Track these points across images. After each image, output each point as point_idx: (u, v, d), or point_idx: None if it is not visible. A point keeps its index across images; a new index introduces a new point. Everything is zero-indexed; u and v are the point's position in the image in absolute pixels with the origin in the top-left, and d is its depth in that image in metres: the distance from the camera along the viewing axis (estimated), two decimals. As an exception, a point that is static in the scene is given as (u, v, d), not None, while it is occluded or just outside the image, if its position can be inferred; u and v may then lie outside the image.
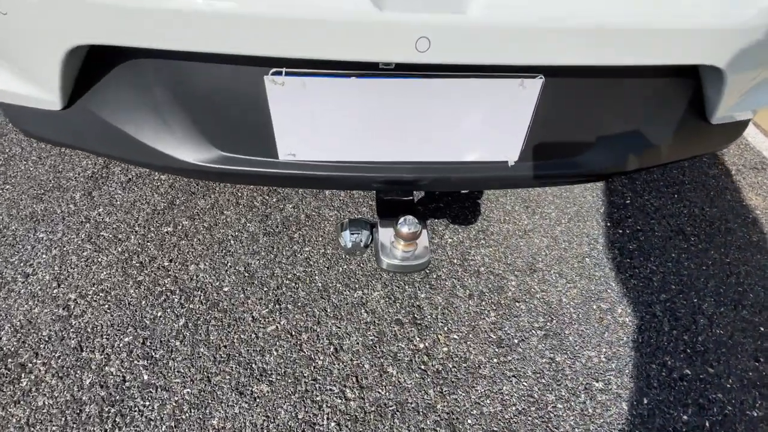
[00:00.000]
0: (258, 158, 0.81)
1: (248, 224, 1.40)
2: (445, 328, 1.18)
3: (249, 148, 0.80)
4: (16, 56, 0.70)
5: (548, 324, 1.20)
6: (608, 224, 1.50)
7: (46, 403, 1.01)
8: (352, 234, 0.88)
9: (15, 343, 1.10)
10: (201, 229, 1.38)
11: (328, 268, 1.30)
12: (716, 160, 1.79)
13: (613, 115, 0.82)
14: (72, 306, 1.17)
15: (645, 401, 1.07)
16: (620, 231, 1.48)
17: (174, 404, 1.01)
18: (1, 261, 1.26)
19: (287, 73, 0.69)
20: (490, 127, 0.79)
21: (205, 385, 1.04)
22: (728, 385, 1.11)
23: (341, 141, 0.79)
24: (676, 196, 1.62)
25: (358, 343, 1.13)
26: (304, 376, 1.07)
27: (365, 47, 0.60)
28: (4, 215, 1.38)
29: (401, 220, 0.81)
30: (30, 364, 1.07)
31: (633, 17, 0.62)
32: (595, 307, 1.25)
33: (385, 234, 0.89)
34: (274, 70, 0.68)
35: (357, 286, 1.26)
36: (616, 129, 0.85)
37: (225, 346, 1.11)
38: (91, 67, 0.73)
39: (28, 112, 0.81)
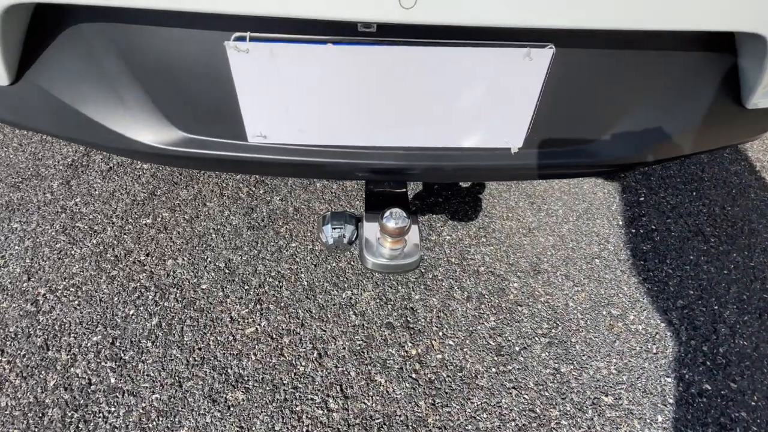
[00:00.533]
0: (224, 140, 0.72)
1: (232, 217, 1.31)
2: (440, 333, 1.08)
3: (214, 128, 0.70)
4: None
5: (553, 331, 1.10)
6: (620, 223, 1.39)
7: (9, 404, 0.94)
8: (334, 228, 0.79)
9: (-21, 340, 1.03)
10: (181, 221, 1.29)
11: (315, 265, 1.21)
12: (739, 155, 1.66)
13: (632, 95, 0.72)
14: (41, 301, 1.10)
15: (659, 419, 0.97)
16: (633, 230, 1.37)
17: (141, 411, 0.93)
18: (-30, 252, 1.19)
19: (252, 39, 0.59)
20: (491, 108, 0.69)
21: (176, 390, 0.96)
22: (753, 403, 1.00)
23: (318, 122, 0.69)
24: (694, 193, 1.50)
25: (344, 348, 1.04)
26: (284, 384, 0.98)
27: (339, 2, 0.51)
28: (-23, 204, 1.31)
29: (387, 213, 0.71)
30: (-7, 363, 1.00)
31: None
32: (605, 313, 1.15)
33: (370, 229, 0.79)
34: (236, 35, 0.59)
35: (346, 285, 1.17)
36: (636, 112, 0.74)
37: (200, 349, 1.03)
38: (36, 35, 0.65)
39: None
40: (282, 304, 1.12)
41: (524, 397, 0.98)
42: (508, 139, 0.74)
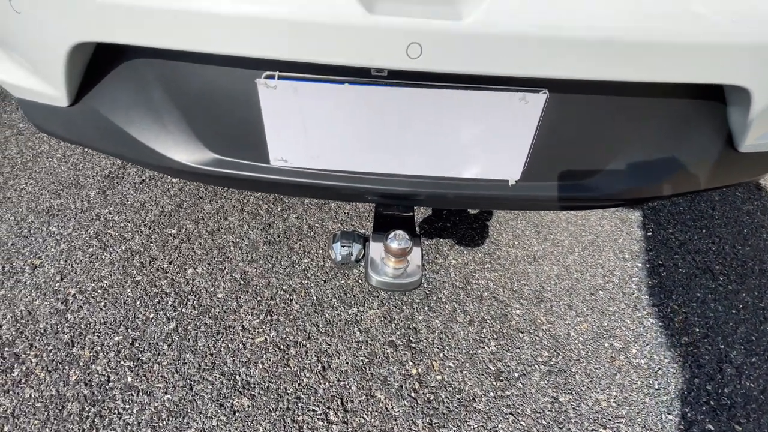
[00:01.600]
0: (249, 162, 0.80)
1: (250, 231, 1.39)
2: (441, 354, 1.11)
3: (241, 151, 0.79)
4: (28, 53, 0.72)
5: (553, 359, 1.11)
6: (626, 256, 1.40)
7: (33, 395, 1.01)
8: (343, 246, 0.85)
9: (14, 333, 1.11)
10: (204, 233, 1.38)
11: (324, 281, 1.26)
12: (752, 194, 1.66)
13: (624, 135, 0.76)
14: (70, 300, 1.19)
15: (658, 456, 0.96)
16: (639, 264, 1.38)
17: (153, 410, 0.99)
18: (14, 251, 1.30)
19: (280, 77, 0.68)
20: (490, 143, 0.75)
21: (187, 393, 1.02)
22: (757, 447, 0.99)
23: (333, 149, 0.76)
24: (704, 231, 1.51)
25: (347, 363, 1.08)
26: (288, 393, 1.02)
27: (354, 51, 0.58)
28: (23, 208, 1.44)
29: (391, 234, 0.77)
30: (24, 355, 1.08)
31: (647, 29, 0.57)
32: (606, 345, 1.16)
33: (376, 249, 0.85)
34: (266, 73, 0.67)
35: (353, 302, 1.22)
36: (628, 151, 0.78)
37: (211, 354, 1.09)
38: (96, 66, 0.75)
39: (39, 108, 0.84)
40: (291, 317, 1.17)
41: (521, 424, 1.00)
42: (506, 172, 0.79)
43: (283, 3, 0.57)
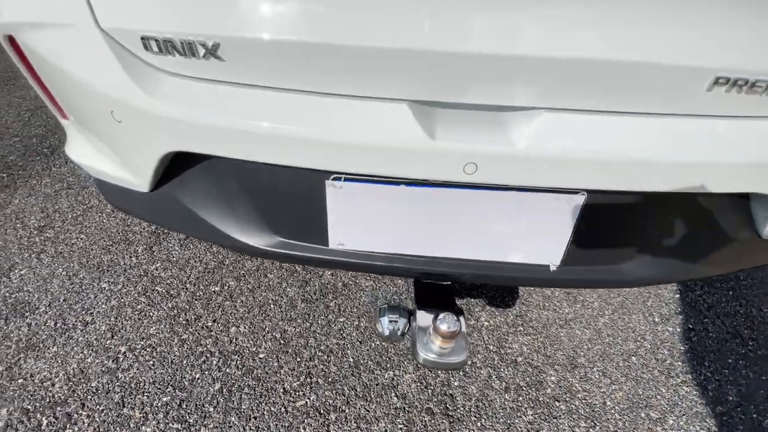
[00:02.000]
0: (310, 245, 0.87)
1: (288, 289, 1.45)
2: (479, 423, 1.13)
3: (304, 236, 0.86)
4: (122, 152, 0.82)
5: (591, 430, 1.12)
6: (656, 320, 1.42)
7: (84, 457, 1.05)
8: (391, 322, 0.90)
9: (66, 392, 1.17)
10: (245, 290, 1.44)
11: (360, 342, 1.31)
12: (776, 255, 1.69)
13: (656, 226, 0.82)
14: (121, 359, 1.24)
15: None
16: (669, 329, 1.40)
17: (201, 476, 1.01)
18: (66, 307, 1.38)
19: (346, 179, 0.76)
20: (532, 234, 0.81)
21: (233, 458, 1.05)
22: None
23: (387, 236, 0.83)
24: (731, 293, 1.53)
25: (386, 431, 1.11)
26: (330, 461, 1.05)
27: (416, 169, 0.66)
28: (75, 263, 1.52)
29: (441, 316, 0.82)
30: (76, 415, 1.12)
31: (677, 153, 0.65)
32: (643, 415, 1.16)
33: (423, 326, 0.90)
34: (334, 176, 0.76)
35: (389, 365, 1.25)
36: (660, 239, 0.84)
37: (255, 418, 1.12)
38: (178, 161, 0.84)
39: (119, 190, 0.93)
40: (330, 379, 1.21)
41: (562, 499, 1.00)
42: (547, 258, 0.85)
43: (354, 130, 0.65)
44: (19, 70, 3.33)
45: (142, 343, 1.28)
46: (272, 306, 1.40)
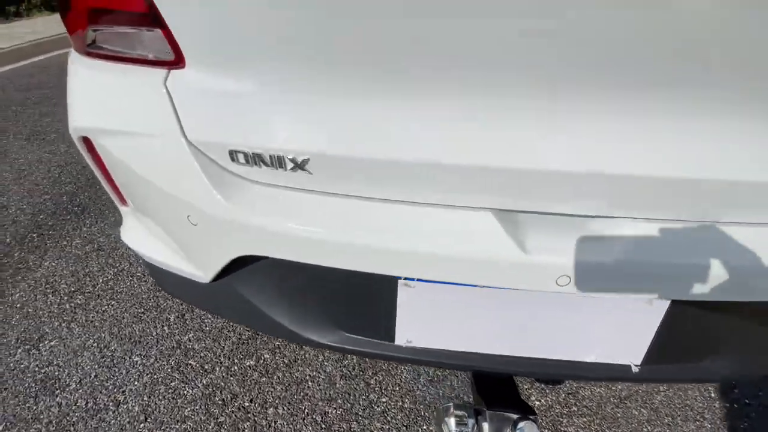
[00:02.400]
0: (375, 341, 0.84)
1: (326, 363, 1.40)
2: None
3: (369, 331, 0.83)
4: (191, 250, 0.81)
5: None
6: (713, 395, 1.35)
7: None
8: (459, 424, 0.85)
9: (95, 483, 1.09)
10: (281, 365, 1.39)
11: (406, 426, 1.23)
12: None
13: (745, 325, 0.79)
14: (154, 445, 1.18)
15: None
16: (727, 405, 1.32)
17: None
18: (97, 384, 1.32)
19: (419, 279, 0.74)
20: (613, 334, 0.78)
21: None
22: None
23: (458, 335, 0.80)
24: (789, 365, 1.45)
25: None
26: None
27: (504, 280, 0.65)
28: (106, 334, 1.49)
29: (520, 425, 0.77)
30: None
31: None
32: None
33: (496, 428, 0.85)
34: (407, 276, 0.74)
35: (438, 452, 1.17)
36: (748, 337, 0.81)
37: None
38: (245, 258, 0.83)
39: (175, 278, 0.91)
40: (377, 470, 1.13)
41: None
42: (627, 358, 0.81)
43: (437, 240, 0.64)
44: (50, 125, 3.41)
45: (176, 426, 1.22)
46: (310, 383, 1.34)
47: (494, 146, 0.59)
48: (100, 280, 1.72)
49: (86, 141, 0.79)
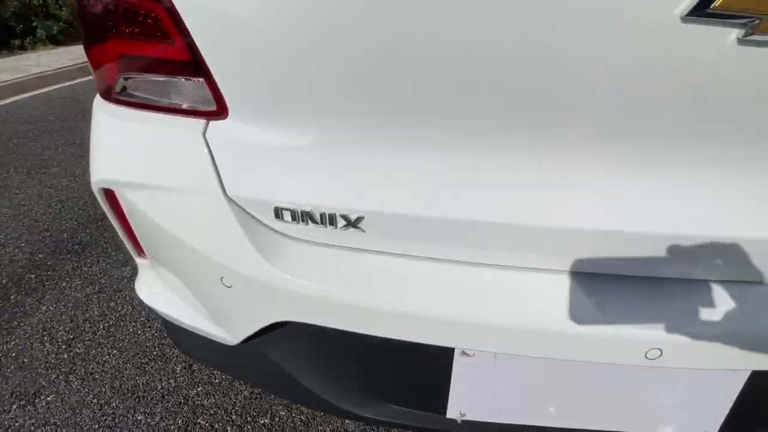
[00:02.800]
0: (423, 413, 0.75)
1: (347, 422, 1.29)
2: None
3: (416, 402, 0.75)
4: (219, 312, 0.73)
5: None
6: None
7: None
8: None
9: None
10: (298, 423, 1.28)
11: (441, 493, 1.12)
12: None
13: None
14: None
15: None
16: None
17: None
18: (95, 447, 1.20)
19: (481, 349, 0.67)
20: (689, 405, 0.70)
21: None
22: None
23: (519, 407, 0.72)
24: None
25: None
26: None
27: (584, 353, 0.58)
28: (107, 388, 1.37)
29: None
30: None
31: None
32: None
33: None
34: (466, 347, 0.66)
35: None
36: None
37: None
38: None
39: (196, 339, 0.83)
40: None
41: None
42: (701, 428, 0.73)
43: (506, 309, 0.57)
44: (52, 159, 3.37)
45: (185, 499, 1.09)
46: (331, 443, 1.23)
47: (573, 204, 0.54)
48: (101, 327, 1.62)
49: (108, 193, 0.73)
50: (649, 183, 0.53)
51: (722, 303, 0.57)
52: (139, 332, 1.58)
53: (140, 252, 0.85)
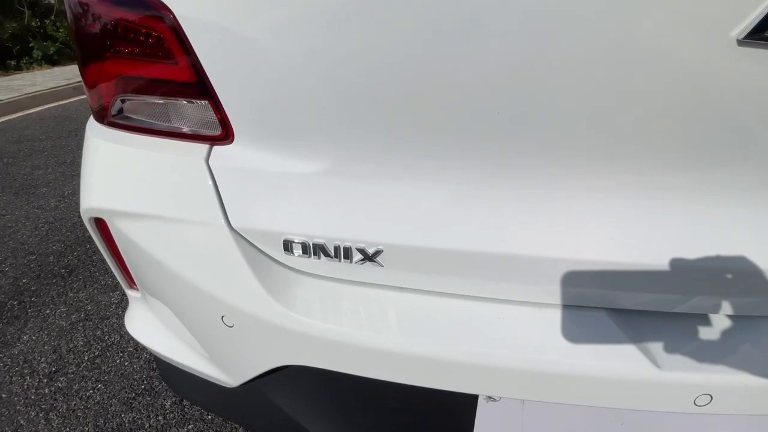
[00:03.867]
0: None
1: (351, 460, 1.20)
2: None
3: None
4: (219, 353, 0.67)
5: None
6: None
7: None
8: None
9: None
10: (298, 464, 1.19)
11: None
12: None
13: None
14: None
15: None
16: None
17: None
18: (74, 496, 1.10)
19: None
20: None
21: None
22: None
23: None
24: None
25: None
26: None
27: (625, 400, 0.52)
28: (90, 427, 1.27)
29: None
30: None
31: None
32: None
33: None
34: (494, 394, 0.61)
35: None
36: None
37: None
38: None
39: (192, 379, 0.76)
40: None
41: None
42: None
43: (543, 357, 0.52)
44: (41, 179, 3.29)
45: None
46: (334, 487, 1.13)
47: (611, 238, 0.50)
48: (86, 358, 1.52)
49: (99, 222, 0.67)
50: (693, 216, 0.49)
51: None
52: (126, 363, 1.49)
53: (132, 284, 0.78)
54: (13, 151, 3.58)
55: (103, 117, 0.65)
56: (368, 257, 0.52)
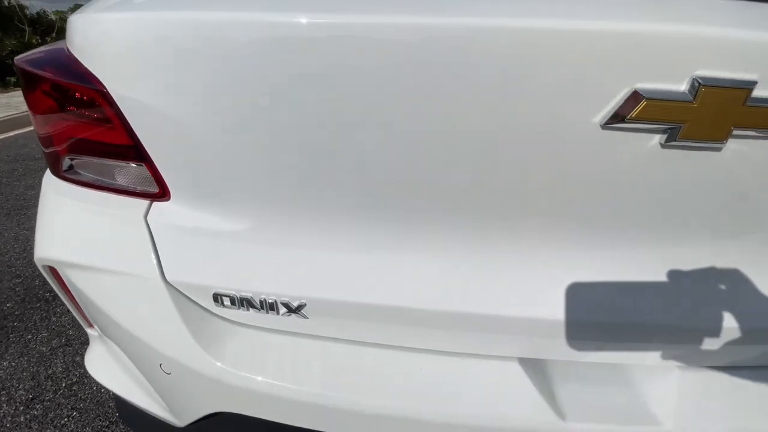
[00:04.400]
0: None
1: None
2: None
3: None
4: (166, 395, 0.69)
5: None
6: None
7: None
8: None
9: None
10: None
11: None
12: None
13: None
14: None
15: None
16: None
17: None
18: None
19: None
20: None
21: None
22: None
23: None
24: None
25: None
26: None
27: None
28: (61, 456, 1.28)
29: None
30: None
31: None
32: None
33: None
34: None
35: None
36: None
37: None
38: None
39: (144, 417, 0.78)
40: None
41: None
42: None
43: (458, 399, 0.54)
44: (34, 199, 3.32)
45: None
46: None
47: (531, 294, 0.52)
48: (63, 384, 1.54)
49: (52, 269, 0.71)
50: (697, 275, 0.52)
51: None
52: (102, 391, 1.51)
53: (89, 324, 0.82)
54: (8, 171, 3.64)
55: (56, 171, 0.69)
56: (292, 310, 0.55)
